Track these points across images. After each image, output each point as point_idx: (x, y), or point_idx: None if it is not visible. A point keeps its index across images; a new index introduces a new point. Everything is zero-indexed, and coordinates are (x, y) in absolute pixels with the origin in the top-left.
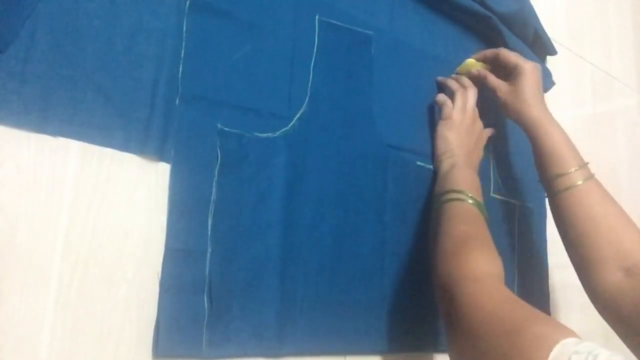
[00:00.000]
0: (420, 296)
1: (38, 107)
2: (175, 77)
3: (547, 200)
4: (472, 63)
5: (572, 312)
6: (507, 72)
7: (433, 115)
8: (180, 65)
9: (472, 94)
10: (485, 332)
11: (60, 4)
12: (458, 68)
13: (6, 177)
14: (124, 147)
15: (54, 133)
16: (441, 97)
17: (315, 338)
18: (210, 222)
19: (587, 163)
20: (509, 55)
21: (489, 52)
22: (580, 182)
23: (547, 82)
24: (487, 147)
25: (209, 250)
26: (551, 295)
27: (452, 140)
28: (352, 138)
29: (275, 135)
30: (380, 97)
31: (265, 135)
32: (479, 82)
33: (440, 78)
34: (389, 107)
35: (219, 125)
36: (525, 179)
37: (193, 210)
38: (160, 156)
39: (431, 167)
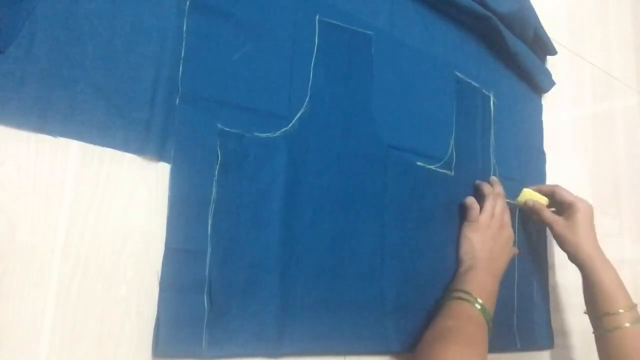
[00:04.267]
0: (420, 296)
1: (38, 107)
2: (175, 77)
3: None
4: (529, 193)
5: (572, 312)
6: (562, 208)
7: (435, 117)
8: (180, 65)
9: (502, 201)
10: None
11: (60, 3)
12: (517, 198)
13: (6, 177)
14: (124, 147)
15: (54, 133)
16: (469, 199)
17: (315, 338)
18: (210, 222)
19: (636, 305)
20: (565, 194)
21: (545, 187)
22: (628, 324)
23: (547, 82)
24: (488, 146)
25: (209, 250)
26: (551, 295)
27: (475, 243)
28: (352, 138)
29: (275, 135)
30: (380, 97)
31: (265, 135)
32: (534, 214)
33: (477, 182)
34: (389, 107)
35: (219, 125)
36: (526, 180)
37: (193, 210)
38: (160, 156)
39: (431, 167)
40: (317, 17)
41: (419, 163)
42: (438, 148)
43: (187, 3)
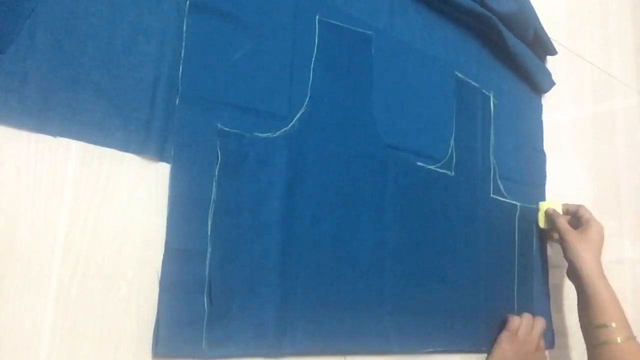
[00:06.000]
0: (420, 296)
1: (38, 107)
2: (175, 77)
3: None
4: (552, 203)
5: (572, 312)
6: (578, 223)
7: (435, 116)
8: (180, 65)
9: (540, 323)
10: None
11: (60, 3)
12: (540, 203)
13: (6, 177)
14: (124, 147)
15: (54, 133)
16: (511, 314)
17: (315, 338)
18: (210, 221)
19: (629, 325)
20: (585, 212)
21: (572, 205)
22: (619, 340)
23: (547, 82)
24: (488, 146)
25: (209, 250)
26: (551, 295)
27: (509, 355)
28: (352, 138)
29: (275, 136)
30: (380, 97)
31: (265, 135)
32: (549, 220)
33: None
34: (389, 108)
35: (219, 125)
36: (526, 180)
37: (193, 210)
38: (160, 156)
39: (431, 167)
40: (317, 17)
41: (419, 163)
42: (438, 148)
43: (187, 3)
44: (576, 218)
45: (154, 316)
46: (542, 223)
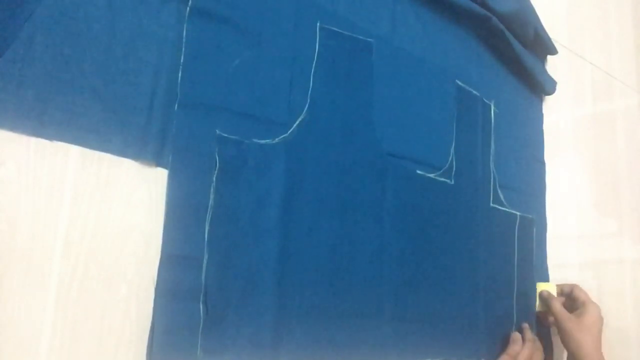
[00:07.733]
0: (419, 305)
1: (35, 111)
2: (174, 83)
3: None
4: (547, 285)
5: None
6: (574, 306)
7: (434, 123)
8: (180, 71)
9: (541, 352)
10: None
11: (59, 7)
12: (537, 284)
13: (6, 178)
14: (122, 152)
15: (51, 137)
16: (516, 335)
17: (312, 346)
18: (207, 228)
19: None
20: (581, 293)
21: (566, 286)
22: None
23: (549, 84)
24: (489, 155)
25: (206, 256)
26: None
27: None
28: (351, 145)
29: (274, 142)
30: (380, 104)
31: (264, 141)
32: (544, 304)
33: (525, 324)
34: (389, 115)
35: (217, 131)
36: (526, 189)
37: (190, 216)
38: (158, 161)
39: (431, 176)
40: (317, 24)
41: (418, 171)
42: (438, 157)
43: (187, 9)
44: (571, 299)
45: None
46: (537, 305)
